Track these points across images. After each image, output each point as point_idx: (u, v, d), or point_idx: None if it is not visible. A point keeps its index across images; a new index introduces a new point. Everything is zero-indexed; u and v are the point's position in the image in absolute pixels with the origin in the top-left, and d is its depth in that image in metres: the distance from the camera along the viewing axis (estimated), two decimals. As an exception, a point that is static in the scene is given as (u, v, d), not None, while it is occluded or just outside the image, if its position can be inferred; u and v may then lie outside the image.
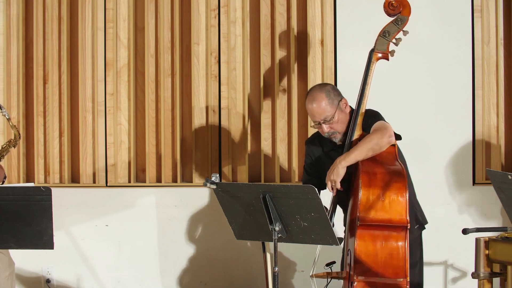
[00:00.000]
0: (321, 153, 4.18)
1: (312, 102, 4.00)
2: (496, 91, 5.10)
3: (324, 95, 4.00)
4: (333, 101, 4.00)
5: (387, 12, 4.14)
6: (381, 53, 4.10)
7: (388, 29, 4.10)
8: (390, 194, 3.75)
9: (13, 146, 4.21)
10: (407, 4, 4.11)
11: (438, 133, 5.06)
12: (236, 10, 5.17)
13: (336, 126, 4.01)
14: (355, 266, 3.69)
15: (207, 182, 3.58)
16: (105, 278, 5.29)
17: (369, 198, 3.75)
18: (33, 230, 3.40)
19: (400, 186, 3.77)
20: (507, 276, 3.57)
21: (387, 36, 4.10)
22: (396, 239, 3.72)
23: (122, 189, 5.25)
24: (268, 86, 5.19)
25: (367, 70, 4.09)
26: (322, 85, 4.11)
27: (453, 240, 4.90)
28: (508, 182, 3.32)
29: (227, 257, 5.24)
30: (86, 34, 5.24)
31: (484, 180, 5.07)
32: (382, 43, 4.10)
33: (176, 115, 5.21)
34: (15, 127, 4.20)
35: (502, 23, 5.11)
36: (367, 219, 3.73)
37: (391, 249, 3.71)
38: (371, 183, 3.77)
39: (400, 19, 4.09)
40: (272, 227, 3.52)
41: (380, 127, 3.94)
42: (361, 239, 3.72)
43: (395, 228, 3.73)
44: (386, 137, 3.88)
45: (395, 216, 3.74)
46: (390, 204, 3.74)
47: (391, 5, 4.11)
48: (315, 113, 4.00)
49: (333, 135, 4.03)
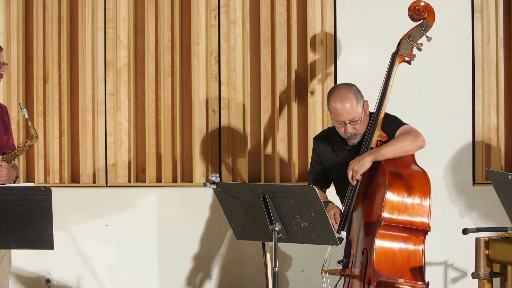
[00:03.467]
0: (330, 152, 4.18)
1: (341, 101, 3.96)
2: (496, 91, 5.10)
3: (352, 95, 3.98)
4: (360, 102, 4.00)
5: (411, 16, 4.16)
6: (405, 56, 4.10)
7: (413, 33, 4.11)
8: (415, 197, 3.77)
9: (29, 147, 4.21)
10: (432, 11, 4.14)
11: (438, 133, 5.05)
12: (236, 10, 5.17)
13: (359, 128, 4.01)
14: (374, 266, 3.69)
15: (207, 182, 3.59)
16: (105, 278, 5.29)
17: (394, 199, 3.75)
18: (33, 230, 3.40)
19: (424, 189, 3.79)
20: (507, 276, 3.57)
21: (412, 40, 4.10)
22: (415, 242, 3.74)
23: (122, 189, 5.25)
24: (268, 86, 5.19)
25: (390, 72, 4.09)
26: (348, 85, 4.07)
27: (453, 240, 4.90)
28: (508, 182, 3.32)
29: (227, 257, 5.24)
30: (86, 34, 5.24)
31: (484, 180, 5.07)
32: (407, 47, 4.11)
33: (176, 115, 5.21)
34: (33, 127, 4.19)
35: (502, 23, 5.11)
36: (389, 219, 3.73)
37: (409, 252, 3.73)
38: (397, 184, 3.77)
39: (425, 25, 4.11)
40: (272, 227, 3.52)
41: (411, 130, 3.98)
42: (381, 240, 3.72)
43: (415, 231, 3.74)
44: (419, 141, 3.93)
45: (418, 219, 3.75)
46: (414, 207, 3.76)
47: (417, 10, 4.13)
48: (344, 113, 3.96)
49: (354, 136, 4.01)
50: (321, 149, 4.22)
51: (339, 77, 5.10)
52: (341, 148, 4.14)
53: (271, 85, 5.18)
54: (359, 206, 3.97)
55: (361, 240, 3.89)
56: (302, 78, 5.15)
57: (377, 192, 3.83)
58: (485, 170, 5.06)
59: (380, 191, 3.80)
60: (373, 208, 3.84)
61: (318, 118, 5.12)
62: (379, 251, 3.72)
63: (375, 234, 3.73)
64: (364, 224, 3.91)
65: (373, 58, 5.00)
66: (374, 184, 3.88)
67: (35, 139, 4.17)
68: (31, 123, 4.16)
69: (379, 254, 3.71)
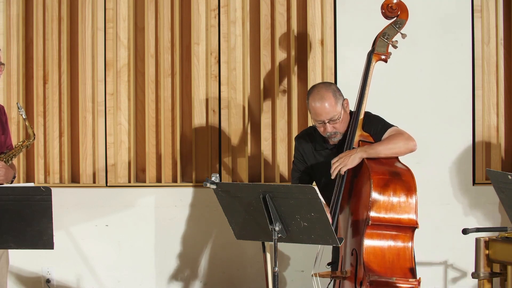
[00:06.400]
0: (312, 151, 4.17)
1: (319, 100, 3.97)
2: (496, 91, 5.10)
3: (331, 94, 3.98)
4: (339, 101, 4.00)
5: (384, 14, 4.17)
6: (381, 54, 4.11)
7: (387, 31, 4.13)
8: (400, 195, 3.76)
9: (27, 147, 4.21)
10: (405, 8, 4.15)
11: (438, 133, 5.06)
12: (236, 10, 5.18)
13: (339, 126, 4.00)
14: (365, 266, 3.69)
15: (207, 182, 3.58)
16: (105, 278, 5.29)
17: (380, 198, 3.75)
18: (33, 230, 3.39)
19: (409, 187, 3.78)
20: (507, 276, 3.57)
21: (387, 38, 4.11)
22: (403, 239, 3.74)
23: (122, 189, 5.25)
24: (268, 86, 5.19)
25: (367, 71, 4.10)
26: (327, 84, 4.09)
27: (453, 240, 4.91)
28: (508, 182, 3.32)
29: (227, 257, 5.24)
30: (86, 34, 5.24)
31: (484, 180, 5.07)
32: (382, 45, 4.12)
33: (176, 115, 5.21)
34: (31, 127, 4.19)
35: (502, 23, 5.11)
36: (377, 219, 3.73)
37: (398, 250, 3.73)
38: (382, 183, 3.77)
39: (399, 22, 4.12)
40: (272, 227, 3.51)
41: (403, 133, 3.97)
42: (370, 239, 3.72)
43: (403, 228, 3.74)
44: (411, 144, 3.94)
45: (405, 216, 3.75)
46: (400, 205, 3.75)
47: (390, 8, 4.14)
48: (322, 112, 3.96)
49: (334, 135, 4.01)
50: (303, 148, 4.21)
51: (339, 77, 5.10)
52: (322, 147, 4.13)
53: (271, 85, 5.18)
54: (345, 207, 3.97)
55: (350, 241, 3.89)
56: (302, 78, 5.15)
57: (362, 192, 3.82)
58: (485, 170, 5.06)
59: (365, 190, 3.80)
60: (359, 208, 3.84)
61: (318, 118, 5.12)
62: (368, 250, 3.71)
63: (363, 234, 3.73)
64: (351, 224, 3.91)
65: (373, 58, 5.00)
66: (359, 184, 3.88)
67: (33, 139, 4.17)
68: (29, 123, 4.15)
69: (368, 254, 3.71)
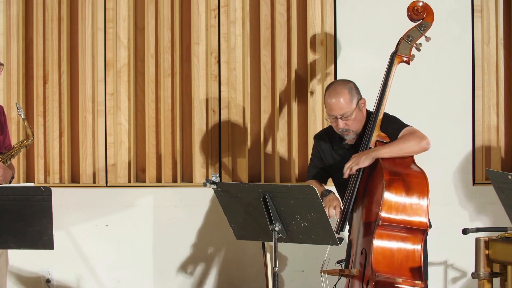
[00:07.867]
0: (329, 150, 4.21)
1: (334, 96, 4.00)
2: (496, 91, 5.10)
3: (346, 91, 4.01)
4: (354, 99, 4.01)
5: (410, 17, 4.16)
6: (404, 56, 4.11)
7: (412, 34, 4.11)
8: (413, 197, 3.76)
9: (25, 147, 4.21)
10: (431, 11, 4.14)
11: (438, 133, 5.05)
12: (236, 10, 5.18)
13: (352, 124, 4.02)
14: (373, 266, 3.69)
15: (207, 182, 3.58)
16: (105, 278, 5.29)
17: (392, 198, 3.75)
18: (33, 230, 3.40)
19: (422, 189, 3.78)
20: (507, 276, 3.57)
21: (411, 40, 4.10)
22: (413, 241, 3.74)
23: (122, 189, 5.25)
24: (268, 86, 5.19)
25: (388, 72, 4.10)
26: (345, 81, 4.11)
27: (453, 240, 4.90)
28: (508, 182, 3.32)
29: (227, 257, 5.24)
30: (86, 34, 5.24)
31: (484, 180, 5.07)
32: (405, 47, 4.11)
33: (176, 115, 5.21)
34: (29, 127, 4.19)
35: (502, 23, 5.11)
36: (387, 219, 3.73)
37: (408, 252, 3.73)
38: (395, 184, 3.77)
39: (424, 25, 4.11)
40: (272, 227, 3.52)
41: (415, 131, 3.98)
42: (379, 239, 3.73)
43: (414, 230, 3.74)
44: (424, 143, 3.93)
45: (416, 219, 3.75)
46: (412, 207, 3.75)
47: (416, 10, 4.14)
48: (335, 107, 3.99)
49: (346, 132, 4.03)
50: (321, 146, 4.26)
51: (339, 77, 5.10)
52: (340, 146, 4.16)
53: (271, 85, 5.19)
54: (359, 206, 3.97)
55: (360, 240, 3.89)
56: (302, 78, 5.15)
57: (375, 192, 3.83)
58: (485, 170, 5.06)
59: (378, 190, 3.80)
60: (371, 207, 3.84)
61: (318, 118, 5.12)
62: (377, 250, 3.72)
63: (373, 234, 3.73)
64: (363, 224, 3.91)
65: (372, 58, 4.99)
66: (372, 183, 3.88)
67: (31, 139, 4.17)
68: (27, 123, 4.15)
69: (377, 254, 3.71)
